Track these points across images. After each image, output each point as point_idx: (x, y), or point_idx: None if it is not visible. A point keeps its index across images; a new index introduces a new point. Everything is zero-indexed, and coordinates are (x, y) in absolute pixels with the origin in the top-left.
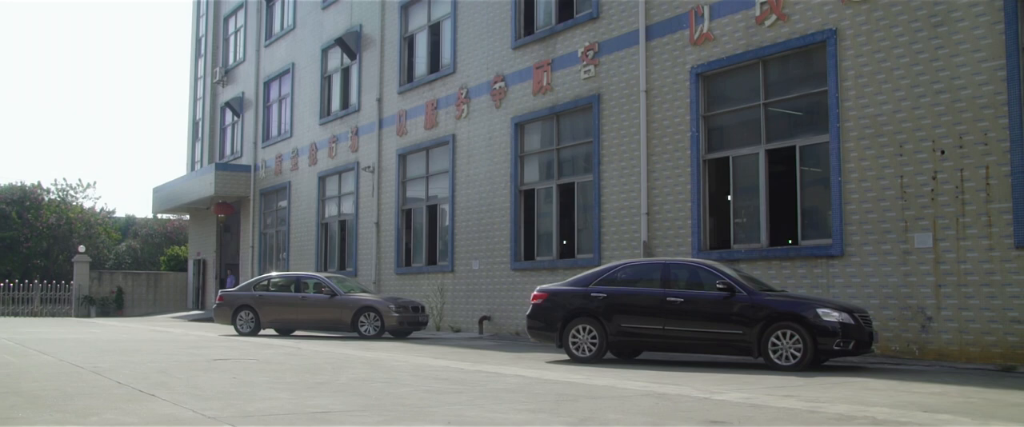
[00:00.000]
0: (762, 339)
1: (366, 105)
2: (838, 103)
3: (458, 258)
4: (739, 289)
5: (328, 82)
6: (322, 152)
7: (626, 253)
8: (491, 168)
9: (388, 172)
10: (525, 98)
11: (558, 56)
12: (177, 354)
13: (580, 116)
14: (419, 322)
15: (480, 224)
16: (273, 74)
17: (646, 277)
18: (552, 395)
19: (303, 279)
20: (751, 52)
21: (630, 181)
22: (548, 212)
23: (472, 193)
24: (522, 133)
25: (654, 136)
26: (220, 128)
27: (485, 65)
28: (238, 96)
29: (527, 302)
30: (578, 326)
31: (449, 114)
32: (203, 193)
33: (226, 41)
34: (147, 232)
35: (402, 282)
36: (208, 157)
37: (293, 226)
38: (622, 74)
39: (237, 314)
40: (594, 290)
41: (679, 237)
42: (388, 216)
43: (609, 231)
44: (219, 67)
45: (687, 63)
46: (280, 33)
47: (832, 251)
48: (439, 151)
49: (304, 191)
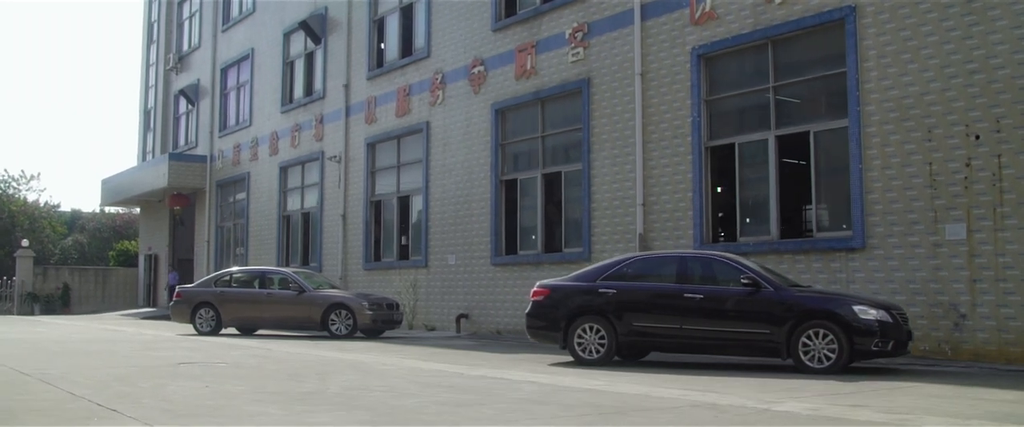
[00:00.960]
0: (791, 339)
1: (332, 92)
2: (858, 85)
3: (432, 252)
4: (765, 284)
5: (290, 68)
6: (284, 141)
7: (619, 247)
8: (469, 157)
9: (356, 162)
10: (506, 83)
11: (543, 38)
12: (135, 357)
13: (568, 101)
14: (394, 320)
15: (457, 216)
16: (231, 60)
17: (659, 272)
18: (588, 407)
19: (268, 274)
20: (759, 32)
21: (624, 170)
22: (532, 204)
23: (448, 184)
24: (503, 120)
25: (650, 122)
26: (174, 117)
27: (462, 48)
28: (193, 83)
29: (509, 299)
30: (584, 325)
31: (423, 100)
32: (156, 184)
33: (180, 26)
34: (95, 226)
35: (371, 278)
36: (161, 148)
37: (252, 219)
38: (614, 56)
39: (196, 312)
40: (602, 286)
41: (678, 229)
42: (355, 208)
43: (600, 223)
44: (173, 53)
45: (687, 44)
46: (238, 17)
47: (852, 244)
48: (412, 140)
49: (264, 182)
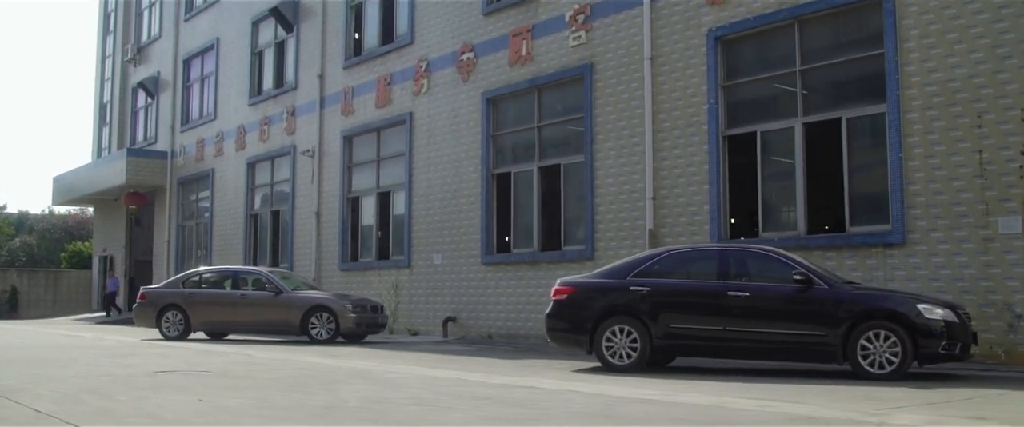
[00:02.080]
0: (848, 342)
1: (305, 82)
2: (898, 68)
3: (416, 251)
4: (818, 281)
5: (259, 58)
6: (252, 135)
7: (626, 244)
8: (457, 149)
9: (331, 156)
10: (499, 70)
11: (540, 21)
12: (103, 365)
13: (568, 89)
14: (378, 324)
15: (443, 213)
16: (194, 51)
17: (697, 268)
18: (676, 422)
19: (241, 274)
20: (785, 11)
21: (631, 162)
22: (527, 198)
23: (433, 178)
24: (495, 109)
25: (661, 110)
26: (131, 111)
27: (450, 34)
28: (152, 76)
29: (501, 301)
30: (614, 327)
31: (405, 90)
32: (112, 182)
33: (139, 16)
34: (45, 227)
35: (348, 279)
36: (117, 143)
37: (217, 218)
38: (620, 40)
39: (163, 315)
40: (634, 283)
41: (693, 224)
42: (331, 205)
43: (605, 219)
44: (131, 44)
45: (703, 25)
46: (202, 5)
47: (891, 239)
48: (393, 132)
49: (230, 179)
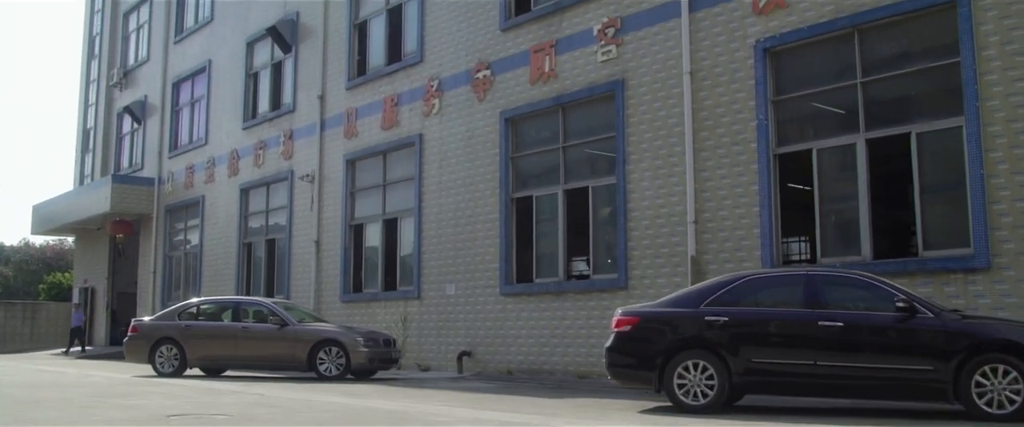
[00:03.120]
0: (960, 377)
1: (304, 104)
2: (976, 78)
3: (426, 281)
4: (923, 309)
5: (254, 80)
6: (246, 160)
7: (665, 271)
8: (471, 173)
9: (332, 181)
10: (518, 88)
11: (565, 36)
12: (102, 407)
13: (596, 107)
14: (391, 359)
15: (457, 240)
16: (184, 74)
17: (780, 295)
18: None
19: (243, 305)
20: (842, 19)
21: (669, 183)
22: (551, 224)
23: (446, 203)
24: (514, 130)
25: (703, 127)
26: (116, 137)
27: (463, 51)
28: (139, 100)
29: (522, 334)
30: (687, 362)
31: (414, 111)
32: (96, 210)
33: (126, 39)
34: (21, 258)
35: (350, 311)
36: (101, 171)
37: (207, 247)
38: (655, 54)
39: (156, 349)
40: (709, 312)
41: (742, 250)
42: (332, 233)
43: (640, 245)
44: (117, 68)
45: (749, 37)
46: (194, 27)
47: (974, 263)
48: (401, 155)
49: (222, 206)
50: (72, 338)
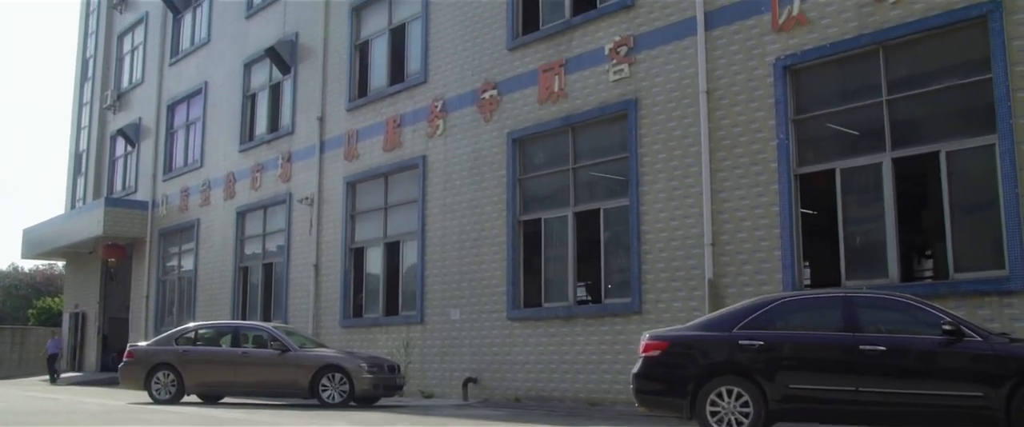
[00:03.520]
0: (1012, 404)
1: (303, 126)
2: (1009, 94)
3: (430, 306)
4: (970, 332)
5: (251, 101)
6: (242, 183)
7: (681, 295)
8: (477, 195)
9: (332, 204)
10: (526, 108)
11: (574, 55)
12: None
13: (608, 127)
14: (395, 385)
15: (462, 264)
16: (180, 96)
17: (818, 318)
18: None
19: (242, 330)
20: (866, 36)
21: (684, 205)
22: (561, 247)
23: (450, 226)
24: (521, 151)
25: (720, 147)
26: (109, 160)
27: (469, 71)
28: (133, 122)
29: (531, 360)
30: (721, 389)
31: (417, 132)
32: (88, 233)
33: (120, 61)
34: (10, 283)
35: (350, 337)
36: (93, 194)
37: (201, 271)
38: (669, 73)
39: (152, 376)
40: (744, 336)
41: (761, 273)
42: (331, 257)
43: (654, 268)
44: (111, 90)
45: (768, 55)
46: (190, 49)
47: (1010, 286)
48: (403, 177)
49: (217, 230)
50: (50, 366)
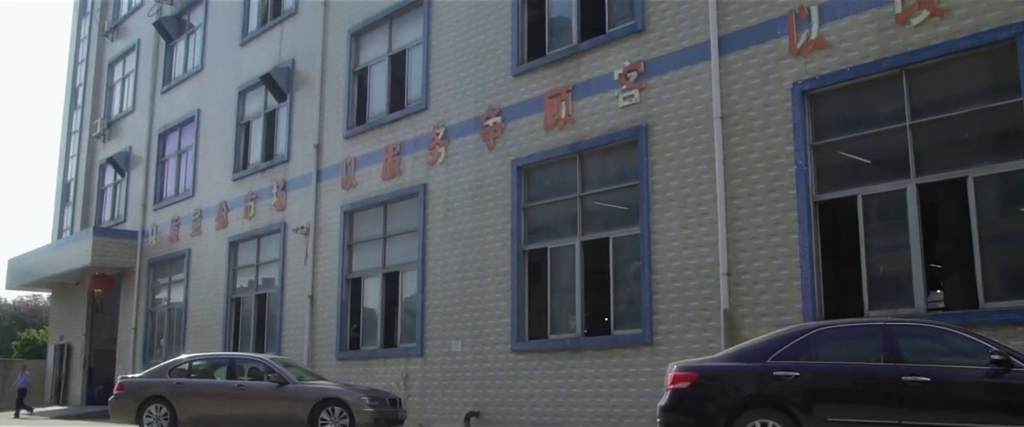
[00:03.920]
0: None
1: (299, 154)
2: None
3: (430, 338)
4: (1019, 363)
5: (246, 129)
6: (235, 212)
7: (695, 326)
8: (480, 224)
9: (328, 234)
10: (532, 135)
11: (582, 81)
12: None
13: (617, 154)
14: (397, 419)
15: (464, 294)
16: (171, 124)
17: (855, 347)
18: None
19: (238, 362)
20: (888, 60)
21: (698, 233)
22: (568, 277)
23: (452, 256)
24: (527, 179)
25: (736, 174)
26: (98, 189)
27: (472, 98)
28: (124, 151)
29: (536, 393)
30: (755, 422)
31: (418, 160)
32: (76, 263)
33: (110, 90)
34: None
35: (347, 369)
36: (81, 224)
37: (192, 302)
38: (682, 98)
39: (145, 409)
40: (779, 367)
41: (780, 303)
42: (327, 288)
43: (666, 299)
44: (100, 119)
45: (785, 79)
46: (182, 76)
47: None
48: (403, 206)
49: (209, 260)
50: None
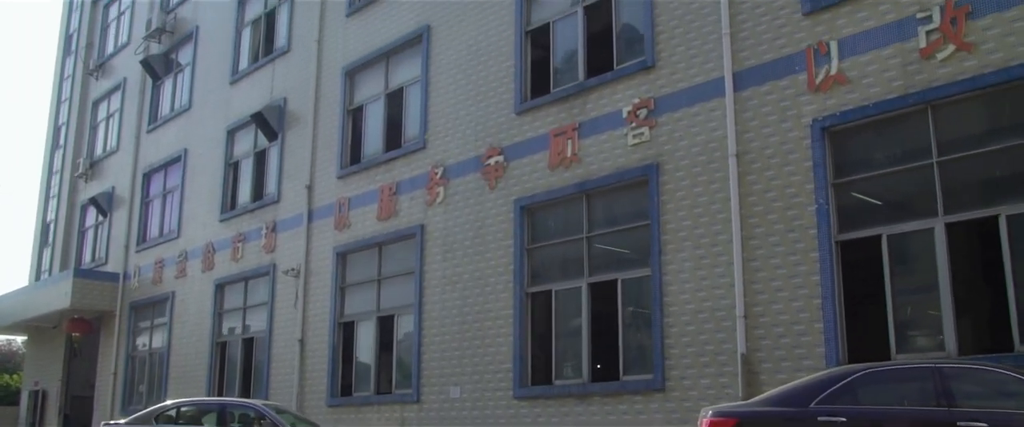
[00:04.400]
0: None
1: (290, 194)
2: None
3: (427, 384)
4: None
5: (234, 169)
6: (222, 254)
7: (709, 371)
8: (481, 266)
9: (320, 276)
10: (536, 174)
11: (589, 118)
12: None
13: (626, 193)
14: None
15: (463, 338)
16: (157, 163)
17: (903, 391)
18: None
19: (229, 408)
20: (913, 95)
21: (713, 274)
22: (574, 321)
23: (451, 299)
24: (530, 219)
25: (752, 214)
26: (79, 231)
27: (473, 136)
28: (106, 191)
29: None
30: None
31: (416, 200)
32: (54, 307)
33: (94, 129)
34: None
35: (338, 416)
36: (60, 266)
37: (175, 347)
38: (695, 136)
39: None
40: (822, 411)
41: (800, 347)
42: (318, 332)
43: (679, 343)
44: (83, 158)
45: (804, 116)
46: (169, 115)
47: None
48: (399, 247)
49: (193, 302)
50: None
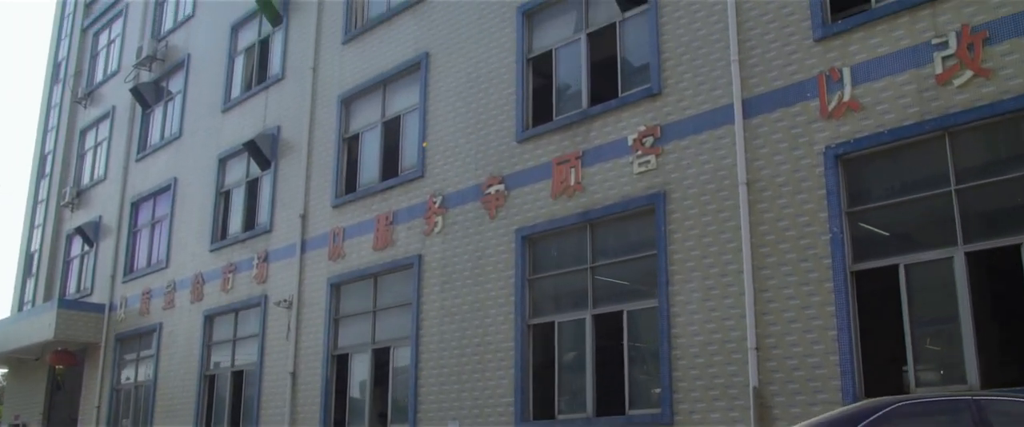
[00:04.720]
0: None
1: (282, 223)
2: None
3: (424, 418)
4: None
5: (225, 198)
6: (212, 285)
7: (720, 405)
8: (481, 297)
9: (313, 307)
10: (537, 204)
11: (593, 147)
12: None
13: (632, 222)
14: None
15: (462, 371)
16: (145, 193)
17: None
18: None
19: None
20: (929, 122)
21: (723, 305)
22: (577, 353)
23: (449, 330)
24: (532, 249)
25: (763, 243)
26: (64, 261)
27: (472, 165)
28: (93, 221)
29: None
30: None
31: (413, 230)
32: (37, 338)
33: (81, 157)
34: None
35: None
36: (44, 296)
37: (162, 379)
38: (703, 164)
39: None
40: None
41: (814, 379)
42: (311, 365)
43: (687, 376)
44: (70, 187)
45: (816, 143)
46: (159, 144)
47: None
48: (396, 278)
49: (181, 334)
50: None
